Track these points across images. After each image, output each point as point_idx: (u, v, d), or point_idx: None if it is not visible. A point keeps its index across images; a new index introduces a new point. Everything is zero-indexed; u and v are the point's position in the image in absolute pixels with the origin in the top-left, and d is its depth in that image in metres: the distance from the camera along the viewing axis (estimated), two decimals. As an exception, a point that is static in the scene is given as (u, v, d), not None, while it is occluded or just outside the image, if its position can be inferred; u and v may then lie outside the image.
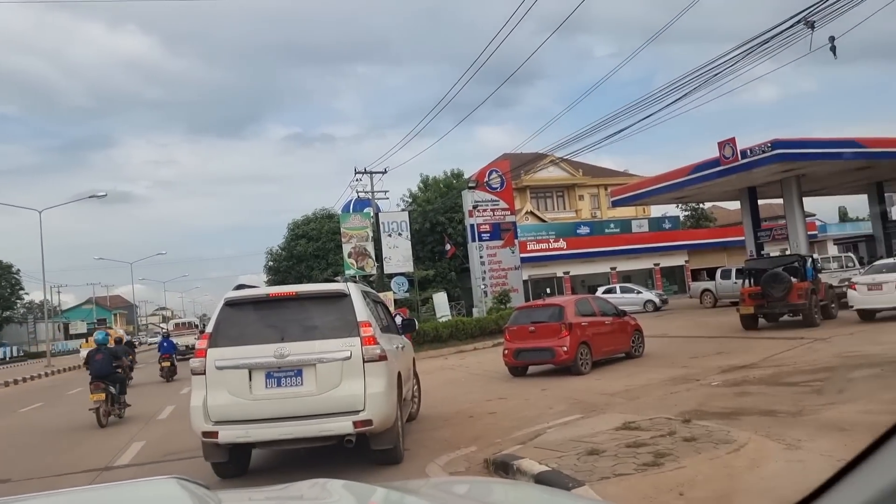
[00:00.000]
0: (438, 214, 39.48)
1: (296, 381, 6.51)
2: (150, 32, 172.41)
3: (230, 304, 6.97)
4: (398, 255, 30.38)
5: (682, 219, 50.05)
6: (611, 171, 54.84)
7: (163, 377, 22.14)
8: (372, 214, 31.69)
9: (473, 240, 29.94)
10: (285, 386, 6.50)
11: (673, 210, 48.22)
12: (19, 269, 63.94)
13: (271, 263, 49.84)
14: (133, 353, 24.31)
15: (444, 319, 26.23)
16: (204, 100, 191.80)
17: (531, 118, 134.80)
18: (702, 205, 49.85)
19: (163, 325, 68.22)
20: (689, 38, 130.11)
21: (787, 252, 25.16)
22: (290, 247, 47.06)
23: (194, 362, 6.68)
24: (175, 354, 23.35)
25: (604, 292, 31.12)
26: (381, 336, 7.08)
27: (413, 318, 15.97)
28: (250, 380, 6.51)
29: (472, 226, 29.94)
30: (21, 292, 66.12)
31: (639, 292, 33.54)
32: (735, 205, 35.57)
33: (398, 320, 10.86)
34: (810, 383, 9.20)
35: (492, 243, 29.96)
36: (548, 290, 38.34)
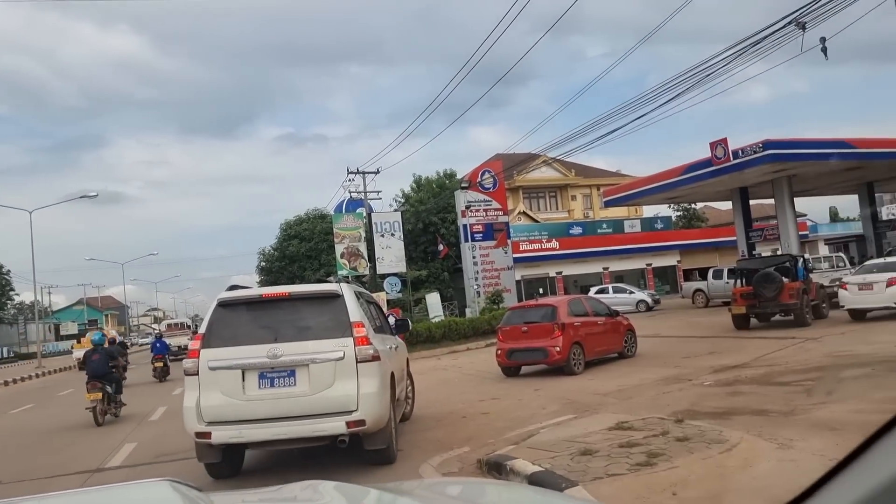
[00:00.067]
0: (431, 215, 39.43)
1: (289, 381, 6.50)
2: (141, 32, 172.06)
3: (223, 304, 6.96)
4: (391, 256, 30.31)
5: (674, 219, 50.18)
6: (603, 172, 55.01)
7: (155, 378, 22.09)
8: (364, 215, 31.63)
9: (466, 240, 29.95)
10: (278, 386, 6.50)
11: (665, 210, 48.44)
12: (10, 270, 63.46)
13: (263, 264, 49.72)
14: (126, 354, 24.22)
15: (436, 320, 26.22)
16: (196, 100, 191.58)
17: (524, 118, 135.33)
18: (694, 205, 50.06)
19: (155, 326, 67.91)
20: (681, 38, 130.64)
21: (779, 252, 25.24)
22: (282, 247, 46.90)
23: (187, 363, 6.68)
24: (168, 355, 23.34)
25: (596, 292, 31.16)
26: (375, 336, 7.07)
27: (406, 318, 15.94)
28: (243, 380, 6.51)
29: (464, 226, 29.95)
30: (11, 293, 65.68)
31: (631, 292, 33.64)
32: (727, 205, 35.72)
33: (391, 321, 10.84)
34: (802, 383, 9.24)
35: (484, 243, 29.98)
36: (540, 291, 38.37)
